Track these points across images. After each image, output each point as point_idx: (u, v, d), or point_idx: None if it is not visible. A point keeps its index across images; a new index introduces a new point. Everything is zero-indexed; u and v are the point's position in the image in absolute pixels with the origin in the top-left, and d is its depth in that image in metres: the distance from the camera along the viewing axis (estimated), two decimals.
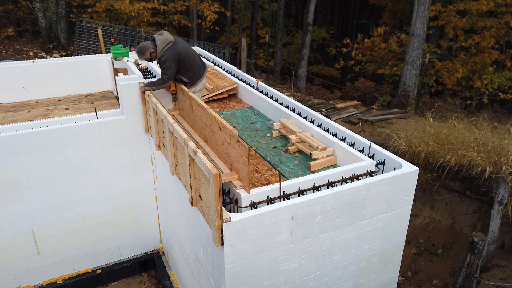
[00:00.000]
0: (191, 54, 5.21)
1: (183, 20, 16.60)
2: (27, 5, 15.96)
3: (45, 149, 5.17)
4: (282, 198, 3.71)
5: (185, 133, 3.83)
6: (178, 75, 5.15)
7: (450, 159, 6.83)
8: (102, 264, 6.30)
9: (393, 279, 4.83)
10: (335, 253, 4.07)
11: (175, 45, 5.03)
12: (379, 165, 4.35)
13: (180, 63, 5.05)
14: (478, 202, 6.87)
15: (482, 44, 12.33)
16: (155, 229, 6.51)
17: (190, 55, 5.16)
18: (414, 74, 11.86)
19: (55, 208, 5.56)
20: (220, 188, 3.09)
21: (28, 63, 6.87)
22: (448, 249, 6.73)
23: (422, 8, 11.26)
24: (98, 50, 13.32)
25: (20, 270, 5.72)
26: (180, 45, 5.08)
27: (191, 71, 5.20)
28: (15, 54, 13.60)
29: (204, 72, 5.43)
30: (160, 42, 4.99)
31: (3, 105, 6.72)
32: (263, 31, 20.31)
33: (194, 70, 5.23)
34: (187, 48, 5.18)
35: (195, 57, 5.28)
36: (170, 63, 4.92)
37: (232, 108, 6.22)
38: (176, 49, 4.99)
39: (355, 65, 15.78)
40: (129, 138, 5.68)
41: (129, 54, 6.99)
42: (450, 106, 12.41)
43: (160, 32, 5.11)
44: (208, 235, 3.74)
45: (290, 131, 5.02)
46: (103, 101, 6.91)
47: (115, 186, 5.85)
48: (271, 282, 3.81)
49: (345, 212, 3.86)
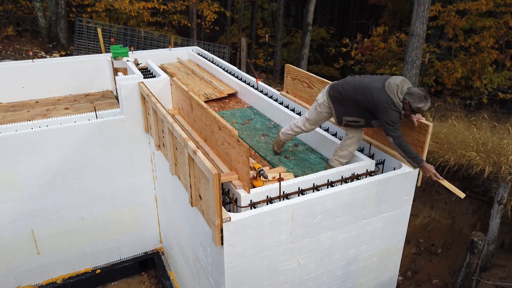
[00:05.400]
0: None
1: (182, 20, 16.58)
2: (26, 5, 15.94)
3: (44, 149, 5.17)
4: (282, 198, 3.71)
5: (184, 133, 3.83)
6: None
7: (450, 159, 6.83)
8: (102, 264, 6.30)
9: (393, 278, 4.84)
10: (334, 252, 4.07)
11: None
12: (378, 165, 4.35)
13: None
14: (477, 202, 6.87)
15: (481, 44, 12.33)
16: (154, 229, 6.51)
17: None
18: (413, 74, 11.85)
19: (55, 208, 5.56)
20: (219, 188, 3.09)
21: (28, 63, 6.87)
22: (447, 249, 6.74)
23: (422, 8, 11.26)
24: (98, 50, 13.31)
25: (20, 270, 5.72)
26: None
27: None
28: (14, 54, 13.59)
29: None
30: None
31: (3, 105, 6.72)
32: (263, 31, 20.30)
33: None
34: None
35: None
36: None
37: (232, 108, 6.22)
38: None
39: (355, 65, 15.77)
40: (128, 138, 5.67)
41: (128, 53, 6.99)
42: (450, 106, 12.41)
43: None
44: (207, 235, 3.74)
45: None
46: (103, 101, 6.91)
47: (115, 186, 5.85)
48: (271, 281, 3.81)
49: (344, 212, 3.86)
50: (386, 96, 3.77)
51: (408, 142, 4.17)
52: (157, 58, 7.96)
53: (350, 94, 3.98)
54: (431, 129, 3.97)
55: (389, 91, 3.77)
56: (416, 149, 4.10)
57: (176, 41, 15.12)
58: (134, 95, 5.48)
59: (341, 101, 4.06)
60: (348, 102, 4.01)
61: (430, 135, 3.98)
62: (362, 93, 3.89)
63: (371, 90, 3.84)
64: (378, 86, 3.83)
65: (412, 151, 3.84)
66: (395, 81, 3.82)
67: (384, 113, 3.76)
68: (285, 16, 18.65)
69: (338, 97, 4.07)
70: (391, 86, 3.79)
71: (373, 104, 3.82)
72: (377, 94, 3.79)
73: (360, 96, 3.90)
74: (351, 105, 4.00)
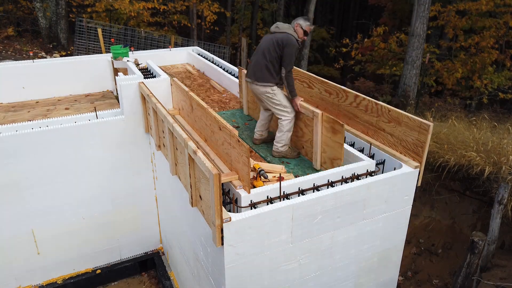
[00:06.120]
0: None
1: (183, 20, 16.59)
2: (27, 5, 15.95)
3: (45, 149, 5.17)
4: (282, 198, 3.71)
5: (185, 133, 3.84)
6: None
7: (450, 159, 6.83)
8: (102, 264, 6.30)
9: (393, 279, 4.84)
10: (335, 253, 4.07)
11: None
12: (379, 165, 4.35)
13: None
14: (478, 202, 6.87)
15: (481, 44, 12.33)
16: (155, 229, 6.51)
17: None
18: (414, 74, 11.86)
19: (55, 208, 5.56)
20: (220, 188, 3.09)
21: (28, 63, 6.87)
22: (448, 249, 6.74)
23: (422, 8, 11.27)
24: (98, 50, 13.32)
25: (20, 270, 5.72)
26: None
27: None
28: (15, 54, 13.59)
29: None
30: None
31: (3, 105, 6.72)
32: (263, 31, 20.28)
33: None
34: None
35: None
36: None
37: (232, 108, 6.22)
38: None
39: (355, 65, 15.78)
40: (129, 138, 5.68)
41: (129, 54, 6.99)
42: (450, 106, 12.42)
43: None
44: (208, 235, 3.74)
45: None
46: (103, 101, 6.91)
47: (115, 186, 5.85)
48: (271, 282, 3.81)
49: (345, 212, 3.86)
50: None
51: (409, 142, 4.19)
52: (157, 58, 7.96)
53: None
54: (432, 129, 3.98)
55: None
56: (416, 149, 4.12)
57: (176, 41, 15.13)
58: (135, 95, 5.49)
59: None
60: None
61: (430, 135, 4.00)
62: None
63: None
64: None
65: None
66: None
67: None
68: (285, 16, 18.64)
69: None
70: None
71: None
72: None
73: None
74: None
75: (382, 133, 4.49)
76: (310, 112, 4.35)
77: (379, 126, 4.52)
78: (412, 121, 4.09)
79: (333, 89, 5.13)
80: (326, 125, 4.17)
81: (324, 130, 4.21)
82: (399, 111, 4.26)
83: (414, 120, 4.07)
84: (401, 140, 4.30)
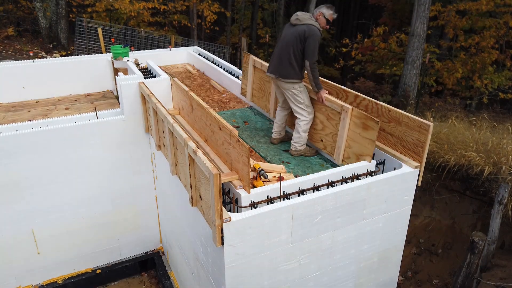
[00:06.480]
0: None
1: (183, 20, 16.59)
2: (27, 5, 15.95)
3: (45, 149, 5.17)
4: (282, 198, 3.71)
5: (185, 133, 3.84)
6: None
7: (450, 159, 6.83)
8: (102, 264, 6.31)
9: (393, 279, 4.84)
10: (335, 253, 4.07)
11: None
12: (379, 165, 4.35)
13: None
14: (478, 202, 6.87)
15: (481, 44, 12.33)
16: (155, 229, 6.51)
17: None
18: (414, 74, 11.86)
19: (55, 208, 5.56)
20: (220, 188, 3.09)
21: (28, 63, 6.87)
22: (448, 249, 6.74)
23: (422, 8, 11.26)
24: (98, 50, 13.32)
25: (20, 270, 5.72)
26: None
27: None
28: (15, 54, 13.59)
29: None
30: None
31: (3, 105, 6.72)
32: (263, 31, 20.28)
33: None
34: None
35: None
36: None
37: (232, 108, 6.22)
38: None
39: (355, 65, 15.77)
40: (129, 138, 5.68)
41: (129, 54, 6.99)
42: (450, 106, 12.43)
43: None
44: (208, 235, 3.74)
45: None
46: (103, 101, 6.91)
47: (115, 186, 5.85)
48: (271, 282, 3.81)
49: (345, 212, 3.86)
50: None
51: (409, 142, 4.19)
52: (158, 58, 7.96)
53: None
54: (432, 129, 3.98)
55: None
56: (416, 149, 4.12)
57: (177, 41, 15.13)
58: (135, 95, 5.49)
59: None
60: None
61: (430, 135, 4.00)
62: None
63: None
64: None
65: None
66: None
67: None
68: (285, 16, 18.62)
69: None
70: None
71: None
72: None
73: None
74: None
75: (382, 133, 4.49)
76: (338, 106, 4.25)
77: (379, 126, 4.52)
78: (412, 121, 4.09)
79: (333, 89, 5.13)
80: (355, 121, 4.09)
81: (352, 125, 4.15)
82: (399, 111, 4.26)
83: (414, 120, 4.07)
84: (401, 140, 4.30)
